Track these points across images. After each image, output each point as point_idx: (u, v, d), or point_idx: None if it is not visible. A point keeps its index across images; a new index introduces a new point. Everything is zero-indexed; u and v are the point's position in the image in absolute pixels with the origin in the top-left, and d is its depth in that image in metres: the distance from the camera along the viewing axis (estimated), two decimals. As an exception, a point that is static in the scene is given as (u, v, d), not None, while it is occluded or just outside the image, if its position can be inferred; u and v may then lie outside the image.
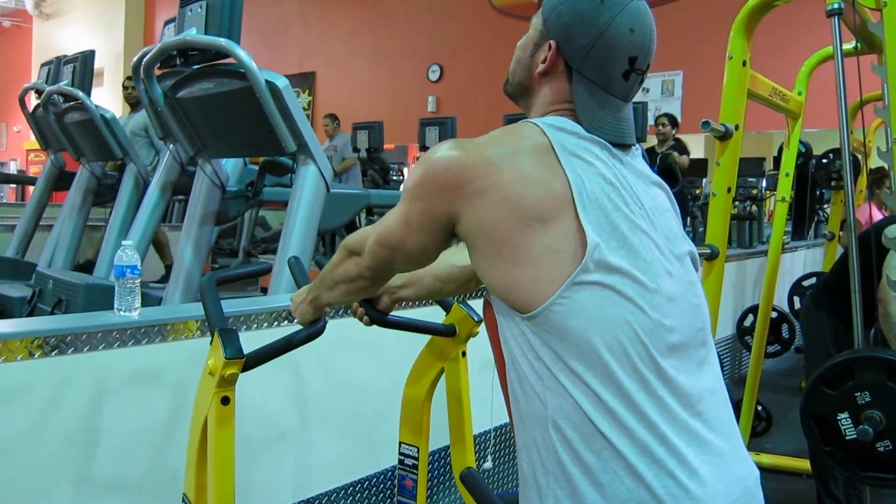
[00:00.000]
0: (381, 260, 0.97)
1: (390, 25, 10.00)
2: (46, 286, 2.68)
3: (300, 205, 2.24)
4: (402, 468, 1.49)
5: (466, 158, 0.86)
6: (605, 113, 0.89)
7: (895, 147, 1.74)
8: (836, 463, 1.73)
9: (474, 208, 0.84)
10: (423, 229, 0.90)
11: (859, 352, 1.79)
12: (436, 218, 0.88)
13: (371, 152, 5.66)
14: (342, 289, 1.06)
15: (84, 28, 13.19)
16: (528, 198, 0.83)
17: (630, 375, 0.80)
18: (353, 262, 1.02)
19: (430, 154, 0.89)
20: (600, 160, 0.87)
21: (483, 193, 0.84)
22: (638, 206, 0.88)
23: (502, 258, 0.83)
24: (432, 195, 0.87)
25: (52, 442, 1.37)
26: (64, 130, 3.69)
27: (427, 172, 0.88)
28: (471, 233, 0.86)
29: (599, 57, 0.88)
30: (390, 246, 0.95)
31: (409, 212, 0.91)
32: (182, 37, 2.27)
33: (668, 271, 0.87)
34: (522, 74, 0.96)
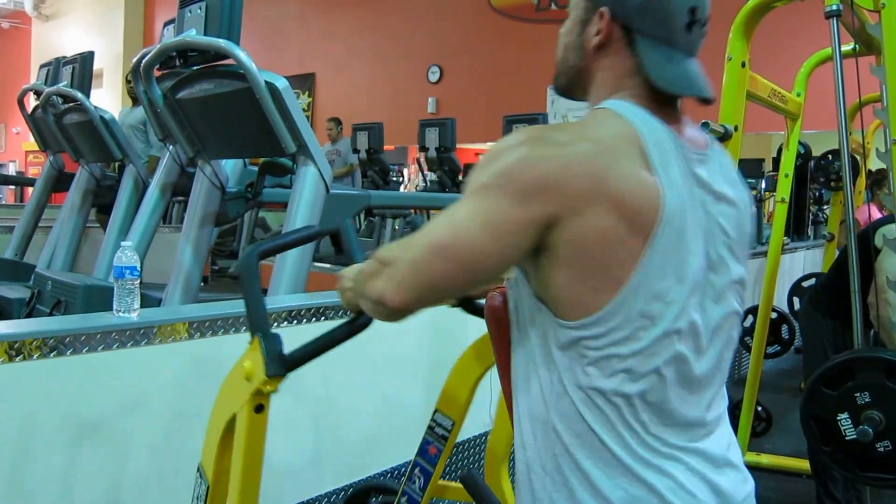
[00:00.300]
0: (432, 277, 0.76)
1: (390, 26, 10.01)
2: (45, 287, 2.68)
3: (300, 205, 2.24)
4: (431, 434, 1.44)
5: (572, 153, 0.75)
6: (675, 67, 0.82)
7: (894, 148, 1.75)
8: (836, 463, 1.73)
9: (577, 216, 0.73)
10: (509, 234, 0.74)
11: (859, 352, 1.79)
12: (531, 221, 0.74)
13: (371, 153, 5.66)
14: (367, 306, 0.85)
15: (83, 29, 13.19)
16: (629, 208, 0.74)
17: (643, 400, 0.78)
18: (383, 279, 0.79)
19: (519, 143, 0.76)
20: (683, 160, 0.80)
21: (588, 199, 0.73)
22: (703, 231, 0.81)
23: (578, 271, 0.75)
24: (533, 193, 0.74)
25: (49, 443, 1.36)
26: (63, 131, 3.69)
27: (523, 163, 0.75)
28: (560, 243, 0.75)
29: (658, 10, 0.81)
30: (453, 256, 0.75)
31: (493, 211, 0.75)
32: (181, 38, 2.26)
33: (715, 301, 0.83)
34: (574, 57, 0.87)
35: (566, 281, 0.76)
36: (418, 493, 1.42)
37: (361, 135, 5.71)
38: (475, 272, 0.77)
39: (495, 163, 0.77)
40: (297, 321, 1.76)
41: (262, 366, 0.99)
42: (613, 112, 0.80)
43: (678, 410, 0.80)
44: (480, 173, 0.77)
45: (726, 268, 0.84)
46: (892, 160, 1.75)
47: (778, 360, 4.06)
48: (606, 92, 0.84)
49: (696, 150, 0.83)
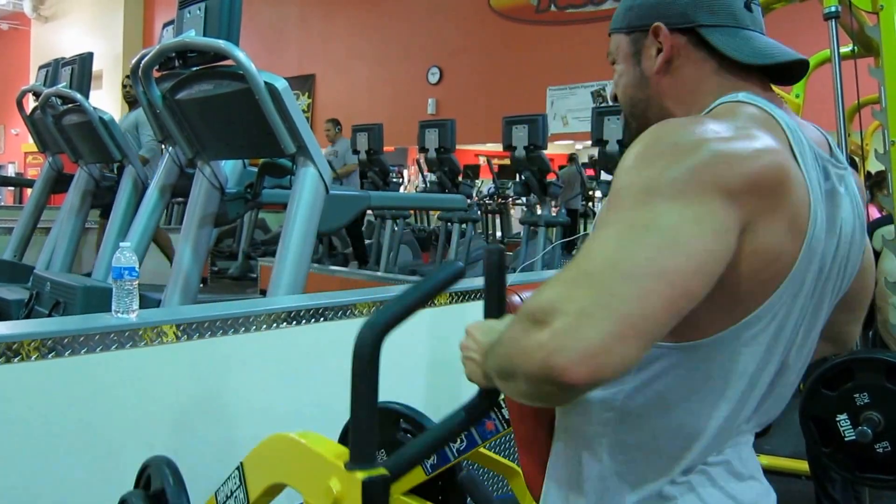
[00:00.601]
0: (626, 310, 0.55)
1: (390, 28, 10.02)
2: (44, 288, 2.68)
3: (299, 206, 2.24)
4: (497, 413, 1.37)
5: (768, 151, 0.65)
6: (756, 42, 0.76)
7: (893, 149, 1.75)
8: (835, 464, 1.73)
9: (764, 226, 0.64)
10: (729, 241, 0.62)
11: (858, 353, 1.79)
12: (738, 226, 0.63)
13: (371, 154, 5.67)
14: (518, 388, 0.61)
15: (82, 30, 13.21)
16: (798, 222, 0.66)
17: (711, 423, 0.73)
18: (544, 335, 0.55)
19: (703, 133, 0.64)
20: (821, 170, 0.71)
21: (777, 206, 0.65)
22: (833, 267, 0.74)
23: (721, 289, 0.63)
24: (744, 194, 0.62)
25: (47, 445, 1.36)
26: (62, 132, 3.69)
27: (722, 158, 0.63)
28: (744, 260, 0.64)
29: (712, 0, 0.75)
30: (667, 271, 0.57)
31: (711, 214, 0.60)
32: (181, 38, 2.27)
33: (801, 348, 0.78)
34: (641, 93, 0.79)
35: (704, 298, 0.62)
36: (454, 454, 1.33)
37: (361, 136, 5.72)
38: (695, 288, 0.59)
39: (669, 159, 0.62)
40: (296, 322, 1.76)
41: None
42: (749, 103, 0.71)
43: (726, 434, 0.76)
44: (649, 171, 0.62)
45: (823, 310, 0.77)
46: (890, 161, 1.76)
47: (777, 361, 4.06)
48: (694, 101, 0.76)
49: (833, 161, 0.73)
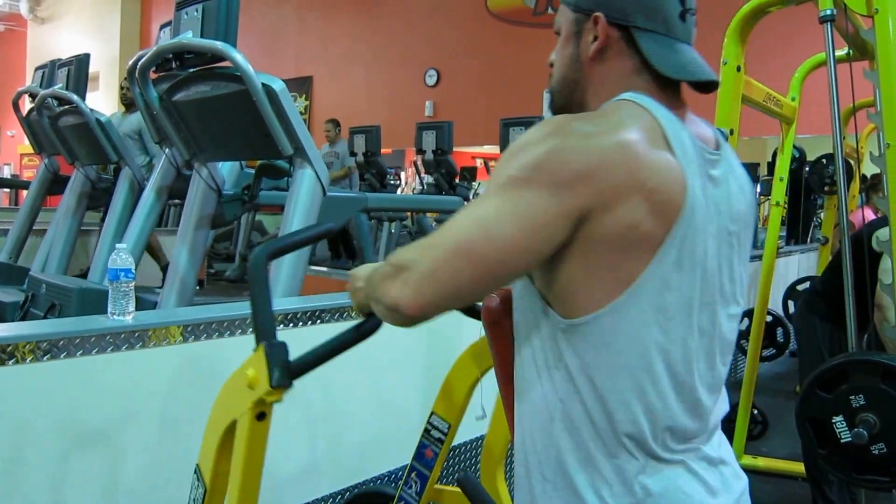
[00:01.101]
0: (450, 280, 0.71)
1: (387, 30, 10.03)
2: (39, 291, 2.67)
3: (297, 208, 2.24)
4: (427, 437, 1.44)
5: (609, 144, 0.72)
6: (679, 55, 0.82)
7: (888, 152, 1.76)
8: (831, 466, 1.73)
9: (611, 211, 0.71)
10: (544, 227, 0.71)
11: (854, 355, 1.80)
12: (565, 213, 0.71)
13: (368, 156, 5.67)
14: (380, 311, 0.80)
15: (79, 32, 13.18)
16: (658, 203, 0.73)
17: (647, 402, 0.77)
18: (398, 285, 0.73)
19: (548, 133, 0.73)
20: (700, 158, 0.79)
21: (620, 192, 0.71)
22: (725, 226, 0.81)
23: (588, 265, 0.74)
24: (566, 185, 0.70)
25: (43, 447, 1.36)
26: (58, 134, 3.68)
27: (555, 155, 0.71)
28: (582, 239, 0.73)
29: (652, 4, 0.81)
30: (481, 256, 0.71)
31: (528, 205, 0.71)
32: (178, 40, 2.26)
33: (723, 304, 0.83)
34: (570, 71, 0.85)
35: (577, 277, 0.74)
36: (415, 498, 1.42)
37: (359, 138, 5.72)
38: (502, 272, 0.73)
39: (523, 155, 0.73)
40: (293, 324, 1.76)
41: (267, 376, 0.96)
42: (635, 102, 0.78)
43: (681, 413, 0.79)
44: (507, 166, 0.74)
45: (732, 270, 0.84)
46: (886, 164, 1.76)
47: (773, 363, 4.07)
48: (609, 94, 0.82)
49: (710, 150, 0.82)
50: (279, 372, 0.95)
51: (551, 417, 0.80)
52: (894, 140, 1.74)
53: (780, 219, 3.10)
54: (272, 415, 1.04)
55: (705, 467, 0.82)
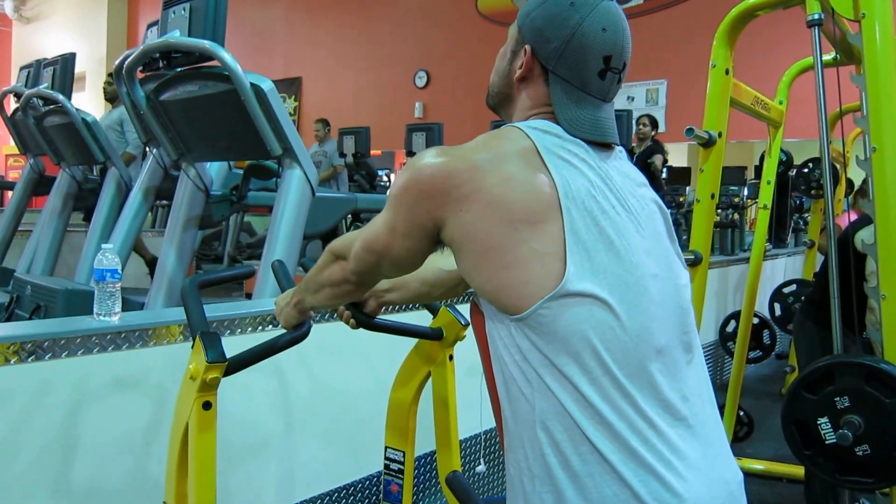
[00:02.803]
0: (367, 265, 0.97)
1: (377, 31, 10.02)
2: (24, 292, 2.64)
3: (285, 209, 2.23)
4: (387, 473, 1.48)
5: (451, 164, 0.86)
6: (583, 112, 0.91)
7: (874, 156, 1.77)
8: (816, 467, 1.74)
9: (461, 214, 0.84)
10: (408, 235, 0.90)
11: (838, 357, 1.81)
12: (421, 224, 0.88)
13: (357, 157, 5.65)
14: (327, 292, 1.06)
15: (65, 32, 13.05)
16: (515, 201, 0.83)
17: (616, 379, 0.80)
18: (339, 266, 1.02)
19: (415, 161, 0.89)
20: (584, 162, 0.88)
21: (469, 198, 0.84)
22: (624, 209, 0.88)
23: (489, 262, 0.84)
24: (418, 202, 0.87)
25: (29, 450, 1.34)
26: (43, 134, 3.64)
27: (412, 179, 0.88)
28: (456, 238, 0.86)
29: (573, 57, 0.89)
30: (376, 251, 0.94)
31: (395, 218, 0.91)
32: (165, 39, 2.25)
33: (655, 274, 0.87)
34: (501, 83, 0.97)
35: (488, 276, 0.84)
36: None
37: (348, 139, 5.70)
38: (396, 264, 0.95)
39: (401, 177, 0.90)
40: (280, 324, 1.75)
41: (204, 356, 1.06)
42: (516, 128, 0.90)
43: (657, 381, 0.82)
44: (393, 185, 0.93)
45: (644, 234, 0.89)
46: (872, 167, 1.78)
47: (759, 365, 4.10)
48: (524, 114, 0.94)
49: (596, 150, 0.91)
50: (213, 349, 1.08)
51: (532, 411, 0.83)
52: (880, 144, 1.76)
53: (767, 222, 3.13)
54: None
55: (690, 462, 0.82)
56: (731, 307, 4.28)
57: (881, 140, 1.76)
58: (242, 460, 1.69)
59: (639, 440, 0.79)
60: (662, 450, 0.80)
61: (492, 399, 0.92)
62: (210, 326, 1.15)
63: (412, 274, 1.14)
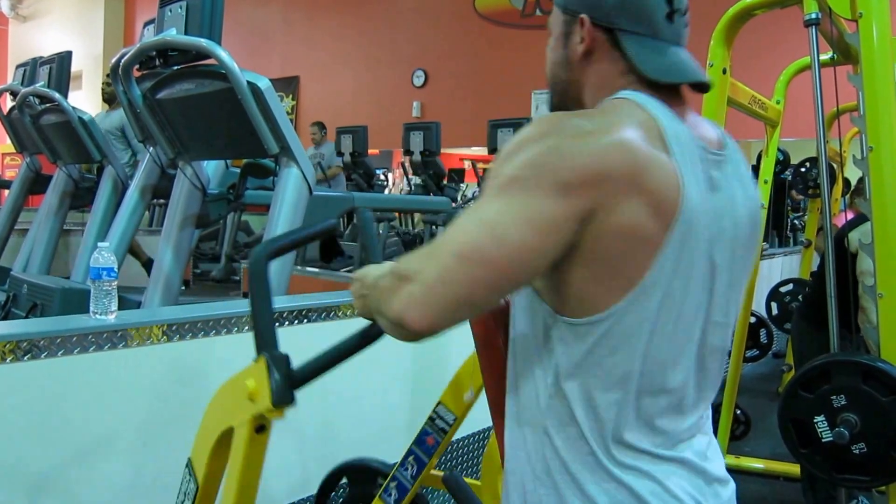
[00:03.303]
0: (460, 289, 0.68)
1: (375, 31, 10.01)
2: (21, 291, 2.63)
3: (282, 207, 2.23)
4: (431, 425, 1.42)
5: (611, 144, 0.71)
6: (665, 58, 0.81)
7: (871, 155, 1.77)
8: (812, 465, 1.75)
9: (613, 211, 0.69)
10: (552, 231, 0.69)
11: (835, 356, 1.81)
12: (573, 216, 0.69)
13: (355, 156, 5.65)
14: (384, 325, 0.75)
15: (62, 30, 13.01)
16: (660, 201, 0.71)
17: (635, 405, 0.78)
18: (401, 297, 0.70)
19: (551, 130, 0.71)
20: (700, 159, 0.77)
21: (629, 193, 0.70)
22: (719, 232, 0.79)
23: (596, 266, 0.72)
24: (579, 186, 0.69)
25: (24, 448, 1.34)
26: (40, 132, 3.63)
27: (564, 154, 0.69)
28: (586, 240, 0.71)
29: (636, 5, 0.80)
30: (491, 260, 0.68)
31: (534, 206, 0.68)
32: (161, 37, 2.24)
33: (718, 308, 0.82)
34: (563, 72, 0.85)
35: (579, 278, 0.73)
36: (409, 481, 1.39)
37: (346, 138, 5.70)
38: (514, 277, 0.71)
39: (523, 154, 0.71)
40: (278, 323, 1.75)
41: (269, 392, 0.89)
42: (633, 101, 0.77)
43: (664, 417, 0.80)
44: (506, 166, 0.71)
45: (728, 276, 0.82)
46: (868, 167, 1.78)
47: (756, 364, 4.11)
48: (604, 94, 0.81)
49: (712, 151, 0.80)
50: (281, 389, 0.89)
51: (541, 414, 0.80)
52: (877, 143, 1.76)
53: (764, 221, 3.13)
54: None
55: (690, 469, 0.82)
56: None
57: (878, 139, 1.76)
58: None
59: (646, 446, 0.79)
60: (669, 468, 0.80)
61: (493, 417, 0.90)
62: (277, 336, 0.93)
63: None
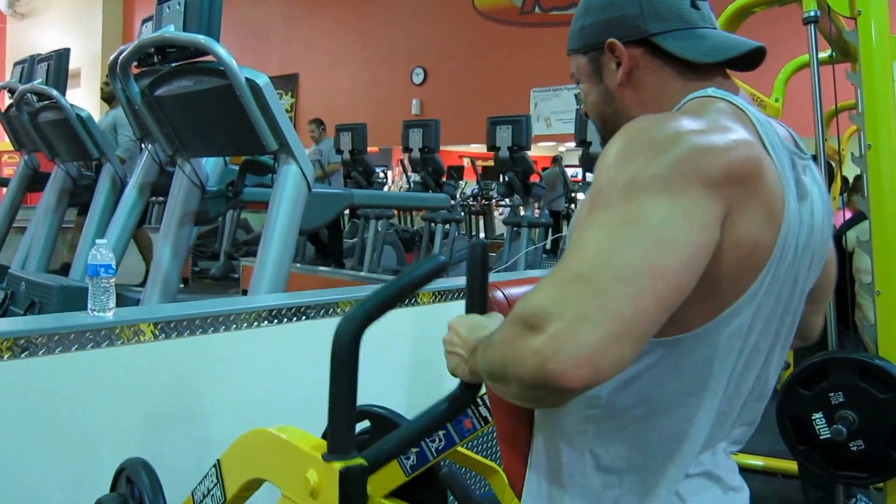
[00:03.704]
0: (621, 315, 0.55)
1: (374, 28, 10.00)
2: (19, 288, 2.63)
3: (281, 204, 2.22)
4: (474, 410, 1.40)
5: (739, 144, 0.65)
6: (708, 41, 0.76)
7: (869, 153, 1.78)
8: (810, 462, 1.75)
9: (741, 214, 0.64)
10: (714, 231, 0.61)
11: (833, 353, 1.82)
12: (721, 215, 0.62)
13: (354, 154, 5.65)
14: (513, 391, 0.60)
15: (60, 28, 12.98)
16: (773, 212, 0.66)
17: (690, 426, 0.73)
18: (540, 344, 0.55)
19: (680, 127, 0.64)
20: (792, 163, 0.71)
21: (752, 197, 0.64)
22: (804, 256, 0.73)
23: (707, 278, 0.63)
24: (724, 185, 0.62)
25: (21, 445, 1.34)
26: (38, 130, 3.63)
27: (707, 152, 0.63)
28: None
29: (657, 5, 0.77)
30: (669, 272, 0.57)
31: (695, 205, 0.60)
32: (159, 33, 2.24)
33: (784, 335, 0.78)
34: (608, 107, 0.81)
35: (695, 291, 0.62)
36: (433, 453, 1.35)
37: (345, 135, 5.69)
38: (684, 286, 0.59)
39: (641, 155, 0.63)
40: (277, 321, 1.75)
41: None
42: (715, 97, 0.71)
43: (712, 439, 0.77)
44: (623, 171, 0.62)
45: (801, 298, 0.77)
46: (867, 164, 1.78)
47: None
48: (664, 107, 0.76)
49: (799, 153, 0.74)
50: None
51: (586, 426, 0.75)
52: (875, 141, 1.77)
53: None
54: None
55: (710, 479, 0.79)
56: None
57: (876, 137, 1.77)
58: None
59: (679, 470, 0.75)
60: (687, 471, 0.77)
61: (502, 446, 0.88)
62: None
63: None
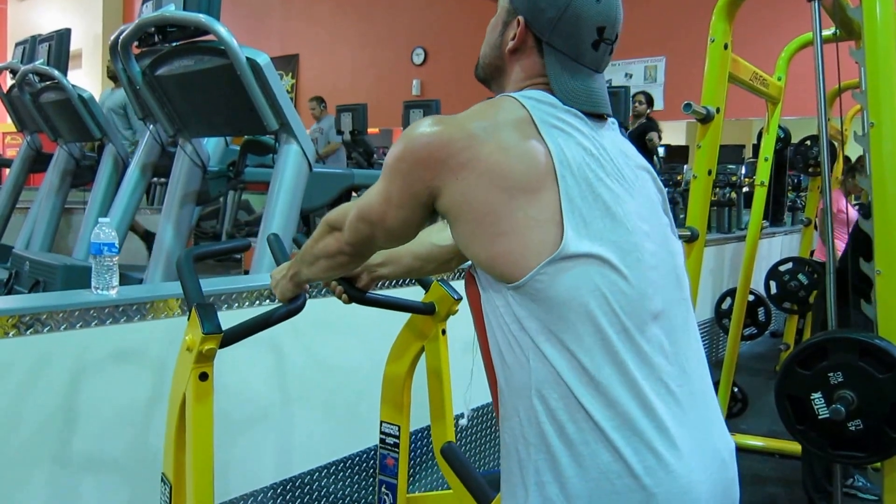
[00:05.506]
0: (362, 236, 0.97)
1: (374, 8, 9.90)
2: (23, 268, 2.64)
3: (282, 184, 2.23)
4: (383, 447, 1.49)
5: (447, 132, 0.86)
6: (578, 83, 0.91)
7: (872, 131, 1.77)
8: (809, 442, 1.76)
9: (457, 182, 0.85)
10: (403, 205, 0.90)
11: (832, 333, 1.82)
12: (416, 193, 0.88)
13: (355, 135, 5.63)
14: (322, 264, 1.06)
15: (61, 9, 12.86)
16: (511, 169, 0.83)
17: (613, 344, 0.81)
18: (334, 237, 1.02)
19: (411, 130, 0.89)
20: (579, 131, 0.88)
21: (465, 166, 0.84)
22: (619, 177, 0.89)
23: (486, 230, 0.84)
24: (413, 171, 0.87)
25: (28, 423, 1.35)
26: (40, 111, 3.62)
27: (407, 148, 0.88)
28: (453, 207, 0.86)
29: (568, 28, 0.90)
30: (371, 221, 0.95)
31: (390, 187, 0.91)
32: (160, 12, 2.23)
33: (649, 239, 0.88)
34: (493, 55, 0.98)
35: (484, 245, 0.85)
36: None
37: (346, 116, 5.67)
38: (390, 234, 0.95)
39: (397, 146, 0.90)
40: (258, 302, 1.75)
41: (200, 328, 1.07)
42: (511, 97, 0.91)
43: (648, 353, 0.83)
44: (388, 155, 0.91)
45: (652, 210, 0.92)
46: (869, 143, 1.77)
47: (754, 342, 4.13)
48: (517, 86, 0.94)
49: (595, 121, 0.92)
50: (209, 322, 1.08)
51: (528, 379, 0.83)
52: (878, 119, 1.76)
53: (764, 199, 3.12)
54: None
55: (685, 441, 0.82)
56: (726, 284, 4.30)
57: (879, 115, 1.75)
58: (240, 434, 1.71)
59: (633, 407, 0.80)
60: (658, 417, 0.81)
61: (487, 370, 0.93)
62: (206, 299, 1.16)
63: (404, 248, 1.15)
